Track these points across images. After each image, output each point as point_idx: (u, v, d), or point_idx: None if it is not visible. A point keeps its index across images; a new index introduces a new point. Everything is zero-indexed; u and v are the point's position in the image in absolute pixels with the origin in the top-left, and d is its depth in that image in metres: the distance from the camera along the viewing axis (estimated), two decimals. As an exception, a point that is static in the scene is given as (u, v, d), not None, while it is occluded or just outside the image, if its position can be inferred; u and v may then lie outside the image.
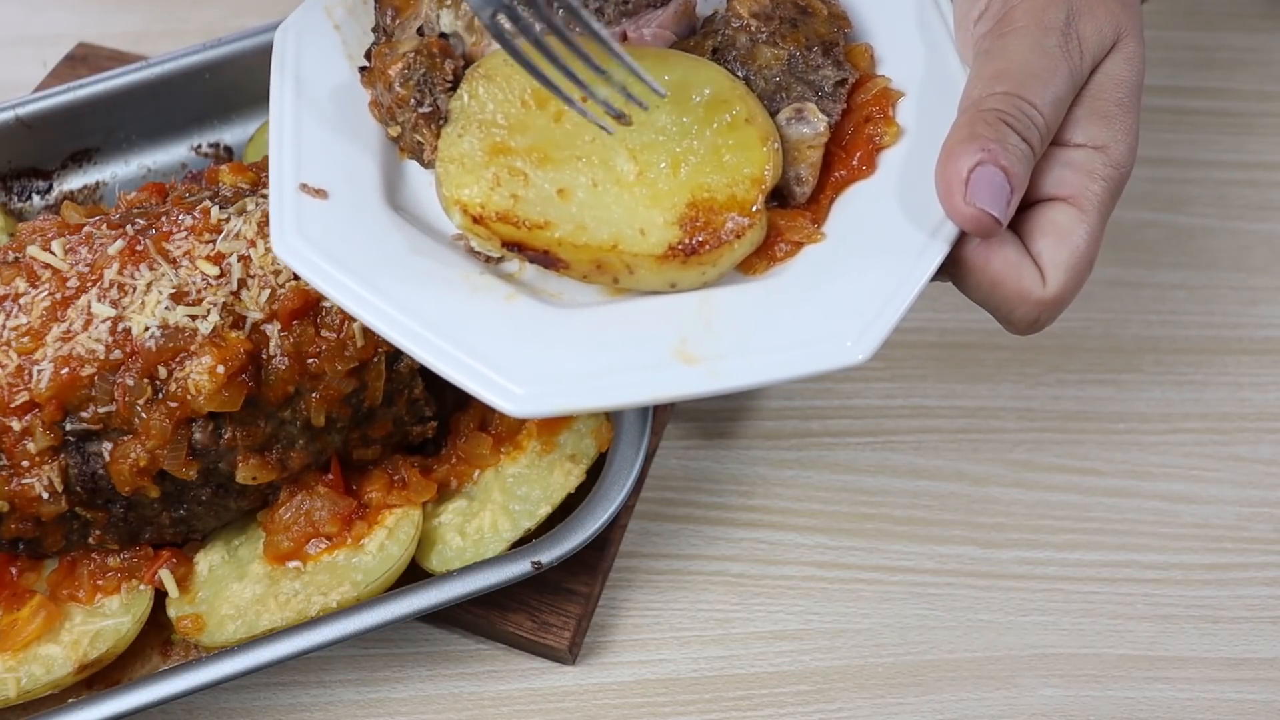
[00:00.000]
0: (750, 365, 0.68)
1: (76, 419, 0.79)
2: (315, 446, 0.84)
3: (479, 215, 0.72)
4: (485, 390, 0.68)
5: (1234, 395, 1.05)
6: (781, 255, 0.75)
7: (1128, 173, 0.72)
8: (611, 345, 0.70)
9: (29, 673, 0.81)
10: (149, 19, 1.37)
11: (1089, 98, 0.72)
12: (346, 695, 0.89)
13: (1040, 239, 0.71)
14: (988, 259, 0.70)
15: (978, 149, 0.68)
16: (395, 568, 0.84)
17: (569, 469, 0.88)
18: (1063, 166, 0.72)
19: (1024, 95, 0.69)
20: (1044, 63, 0.70)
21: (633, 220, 0.72)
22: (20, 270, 0.82)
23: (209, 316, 0.80)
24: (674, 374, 0.68)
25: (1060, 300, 0.70)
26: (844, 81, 0.79)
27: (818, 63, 0.79)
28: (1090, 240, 0.70)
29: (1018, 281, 0.70)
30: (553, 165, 0.74)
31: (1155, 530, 0.98)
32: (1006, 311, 0.72)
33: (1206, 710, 0.89)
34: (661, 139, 0.74)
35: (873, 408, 1.04)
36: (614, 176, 0.73)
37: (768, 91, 0.78)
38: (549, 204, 0.72)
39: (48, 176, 1.08)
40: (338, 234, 0.75)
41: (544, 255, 0.72)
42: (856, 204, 0.76)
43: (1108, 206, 0.72)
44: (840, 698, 0.89)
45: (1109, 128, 0.72)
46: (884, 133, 0.77)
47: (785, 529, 0.97)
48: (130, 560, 0.85)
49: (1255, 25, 1.33)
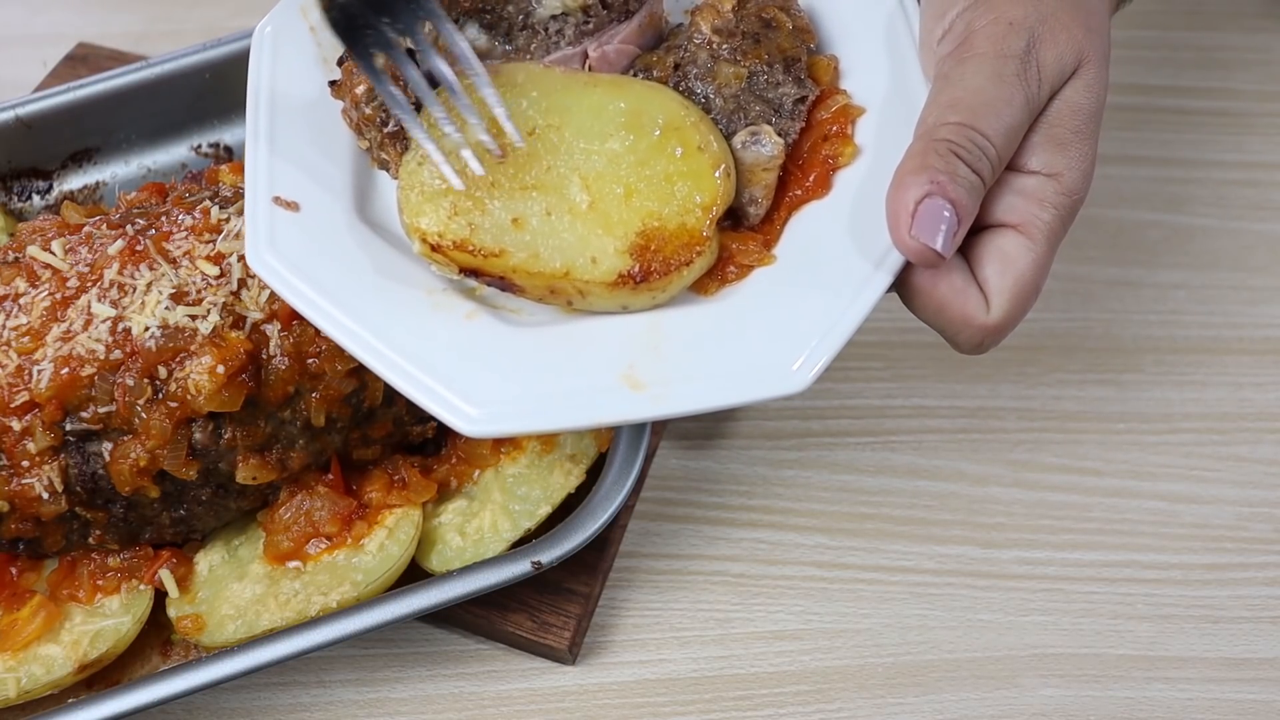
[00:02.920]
0: (693, 392, 0.71)
1: (76, 419, 0.79)
2: (315, 446, 0.84)
3: (436, 244, 0.74)
4: (442, 410, 0.71)
5: (1234, 395, 1.05)
6: (732, 277, 0.76)
7: (1080, 200, 0.73)
8: (564, 369, 0.73)
9: (29, 673, 0.81)
10: (149, 19, 1.37)
11: (1046, 124, 0.73)
12: (346, 695, 0.89)
13: (987, 266, 0.72)
14: (934, 284, 0.71)
15: (926, 181, 0.68)
16: (395, 568, 0.84)
17: (569, 469, 0.88)
18: (1014, 194, 0.72)
19: (976, 126, 0.70)
20: (1000, 92, 0.71)
21: (584, 249, 0.74)
22: (20, 270, 0.82)
23: (209, 316, 0.80)
24: (621, 399, 0.71)
25: (1003, 327, 0.72)
26: (804, 99, 0.79)
27: (778, 79, 0.79)
28: (1035, 268, 0.71)
29: (962, 307, 0.71)
30: (508, 194, 0.75)
31: (1155, 530, 0.98)
32: (952, 334, 0.73)
33: (1206, 710, 0.89)
34: (615, 167, 0.76)
35: (873, 408, 1.04)
36: (567, 205, 0.75)
37: (726, 111, 0.79)
38: (504, 232, 0.74)
39: (48, 176, 1.08)
40: (308, 249, 0.77)
41: (500, 280, 0.75)
42: (809, 226, 0.77)
43: (1057, 234, 0.72)
44: (840, 698, 0.89)
45: (1064, 155, 0.72)
46: (840, 153, 0.78)
47: (785, 529, 0.97)
48: (130, 560, 0.85)
49: (1255, 25, 1.33)
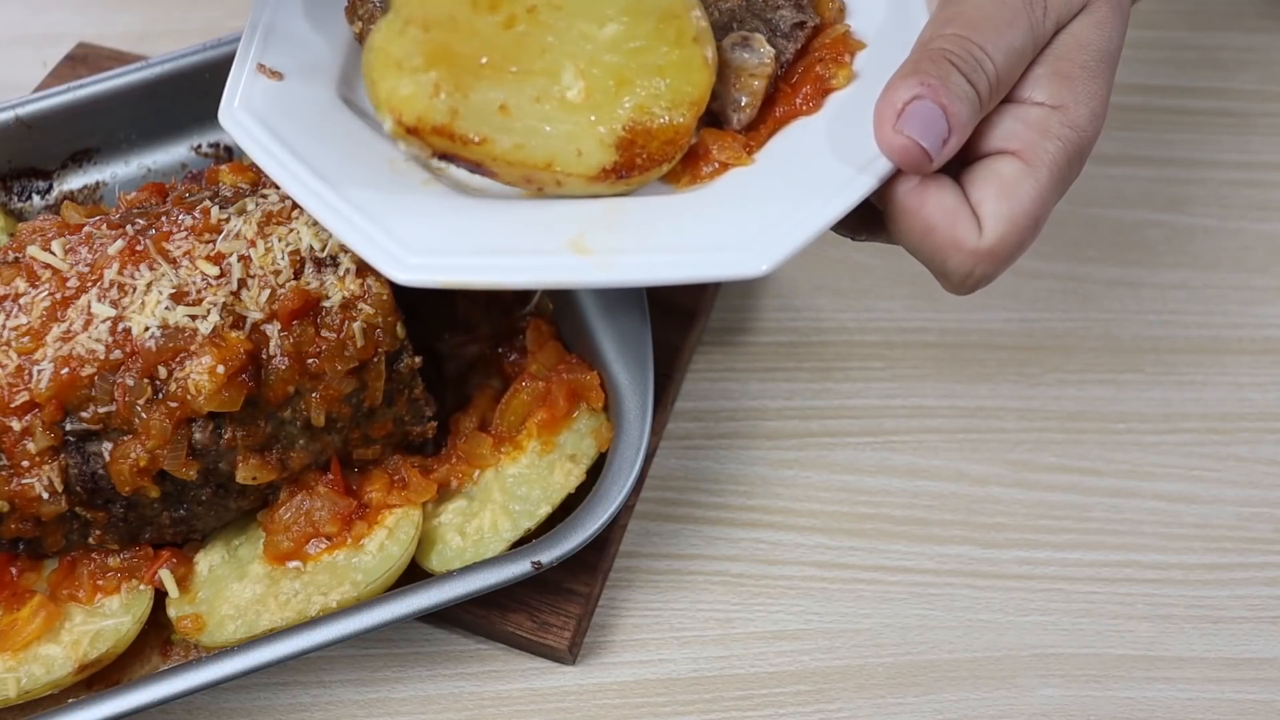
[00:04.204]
0: (643, 262, 0.67)
1: (76, 419, 0.79)
2: (315, 446, 0.84)
3: (413, 126, 0.70)
4: (378, 256, 0.69)
5: (1234, 395, 1.05)
6: (707, 174, 0.74)
7: (1089, 138, 0.69)
8: (510, 230, 0.70)
9: (29, 673, 0.81)
10: (149, 19, 1.37)
11: (1051, 57, 0.70)
12: (346, 695, 0.89)
13: (982, 188, 0.68)
14: (922, 202, 0.67)
15: (917, 83, 0.66)
16: (395, 568, 0.84)
17: (569, 469, 0.88)
18: (1015, 121, 0.69)
19: (974, 39, 0.67)
20: (1002, 13, 0.68)
21: (571, 141, 0.71)
22: (20, 270, 0.82)
23: (209, 316, 0.80)
24: (564, 261, 0.68)
25: (996, 253, 0.67)
26: (802, 24, 0.78)
27: (778, 3, 0.78)
28: (1036, 197, 0.67)
29: (951, 229, 0.67)
30: (497, 75, 0.71)
31: (1155, 530, 0.98)
32: (941, 261, 0.69)
33: (1206, 710, 0.89)
34: (610, 55, 0.72)
35: (873, 408, 1.04)
36: (558, 93, 0.71)
37: (721, 23, 0.78)
38: (489, 120, 0.70)
39: (48, 176, 1.08)
40: (279, 109, 0.77)
41: (475, 166, 0.71)
42: (794, 136, 0.75)
43: (1061, 168, 0.68)
44: (840, 698, 0.89)
45: (1070, 88, 0.69)
46: (835, 74, 0.76)
47: (785, 529, 0.97)
48: (130, 560, 0.85)
49: (1255, 25, 1.33)
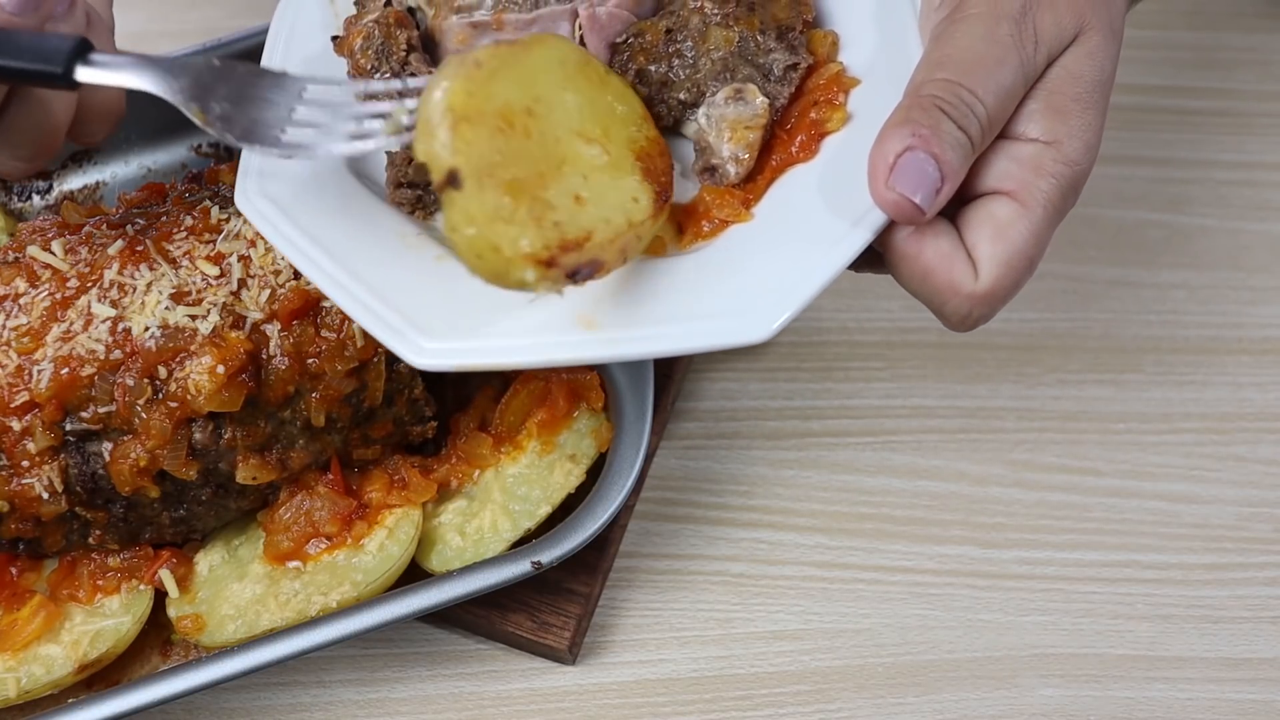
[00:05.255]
0: (649, 335, 0.68)
1: (76, 419, 0.79)
2: (315, 446, 0.84)
3: (549, 258, 0.67)
4: (396, 342, 0.71)
5: (1234, 395, 1.05)
6: (707, 232, 0.74)
7: (1083, 171, 0.69)
8: (523, 308, 0.71)
9: (29, 673, 0.81)
10: (149, 19, 1.37)
11: (1044, 91, 0.69)
12: (346, 695, 0.89)
13: (977, 231, 0.68)
14: (920, 249, 0.67)
15: (908, 134, 0.65)
16: (395, 568, 0.84)
17: (569, 469, 0.88)
18: (1009, 160, 0.69)
19: (965, 83, 0.67)
20: (992, 51, 0.68)
21: (625, 194, 0.71)
22: (20, 270, 0.82)
23: (209, 316, 0.80)
24: (572, 338, 0.69)
25: (992, 296, 0.68)
26: (795, 66, 0.77)
27: (770, 46, 0.78)
28: (1030, 237, 0.67)
29: (948, 274, 0.67)
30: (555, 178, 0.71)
31: (1155, 530, 0.98)
32: (939, 304, 0.69)
33: (1206, 710, 0.89)
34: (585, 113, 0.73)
35: (873, 408, 1.04)
36: (588, 163, 0.72)
37: (713, 72, 0.77)
38: (576, 216, 0.69)
39: (48, 176, 1.07)
40: (292, 191, 0.79)
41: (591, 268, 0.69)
42: (791, 187, 0.75)
43: (1056, 205, 0.68)
44: (840, 698, 0.89)
45: (1064, 123, 0.69)
46: (829, 117, 0.75)
47: (785, 529, 0.97)
48: (130, 560, 0.85)
49: (1255, 25, 1.33)
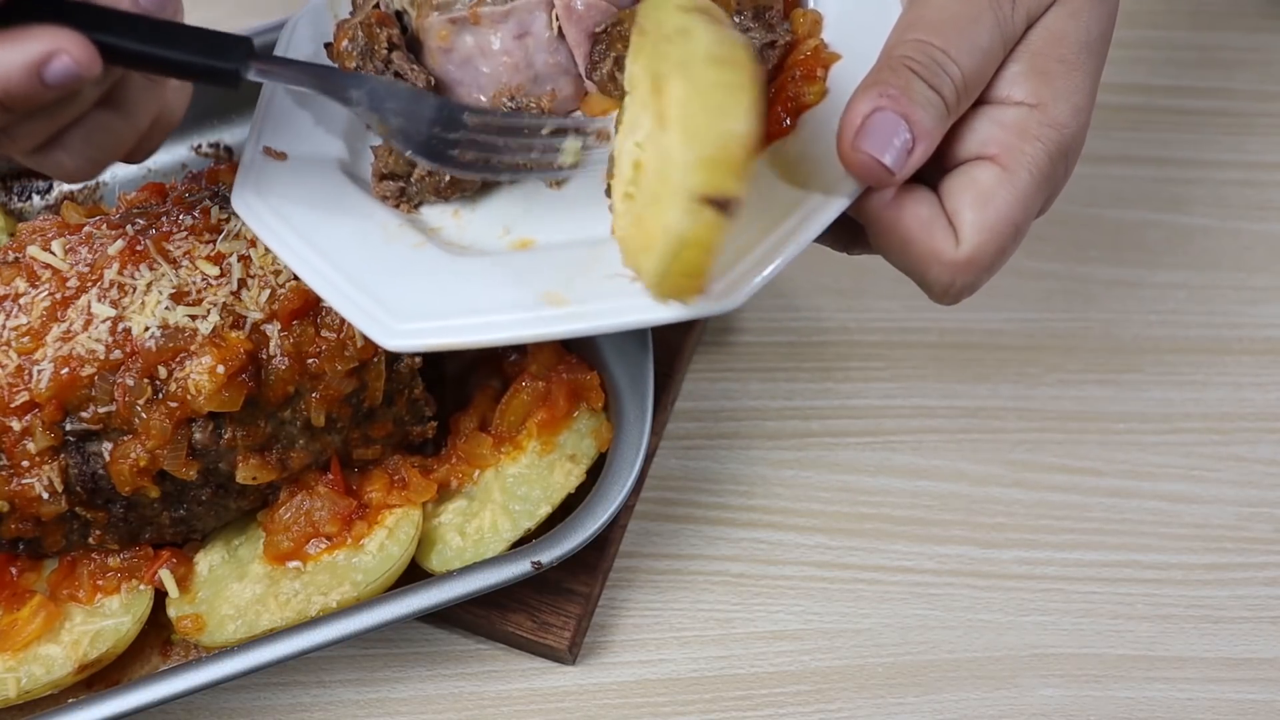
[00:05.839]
0: (612, 308, 0.69)
1: (76, 419, 0.79)
2: (315, 446, 0.84)
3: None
4: (365, 321, 0.72)
5: (1234, 395, 1.05)
6: None
7: (1072, 135, 0.67)
8: (494, 289, 0.73)
9: (29, 673, 0.81)
10: (149, 19, 1.37)
11: (1026, 53, 0.67)
12: (346, 695, 0.89)
13: (958, 197, 0.66)
14: (898, 215, 0.66)
15: (877, 94, 0.63)
16: (395, 568, 0.84)
17: (569, 469, 0.88)
18: (992, 124, 0.67)
19: (935, 42, 0.65)
20: (965, 10, 0.65)
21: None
22: (20, 270, 0.82)
23: (209, 316, 0.80)
24: (537, 315, 0.70)
25: (975, 263, 0.65)
26: (773, 44, 0.77)
27: (747, 26, 0.77)
28: (1015, 202, 0.65)
29: (929, 240, 0.65)
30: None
31: (1155, 530, 0.98)
32: (921, 273, 0.67)
33: (1206, 710, 0.89)
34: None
35: (873, 408, 1.04)
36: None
37: None
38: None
39: (48, 176, 1.07)
40: (284, 190, 0.81)
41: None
42: (769, 161, 0.74)
43: (1044, 169, 0.66)
44: (840, 698, 0.89)
45: (1048, 84, 0.66)
46: (807, 91, 0.74)
47: (785, 529, 0.97)
48: (130, 560, 0.85)
49: (1255, 25, 1.33)
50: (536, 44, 0.81)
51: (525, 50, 0.81)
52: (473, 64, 0.82)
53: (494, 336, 0.72)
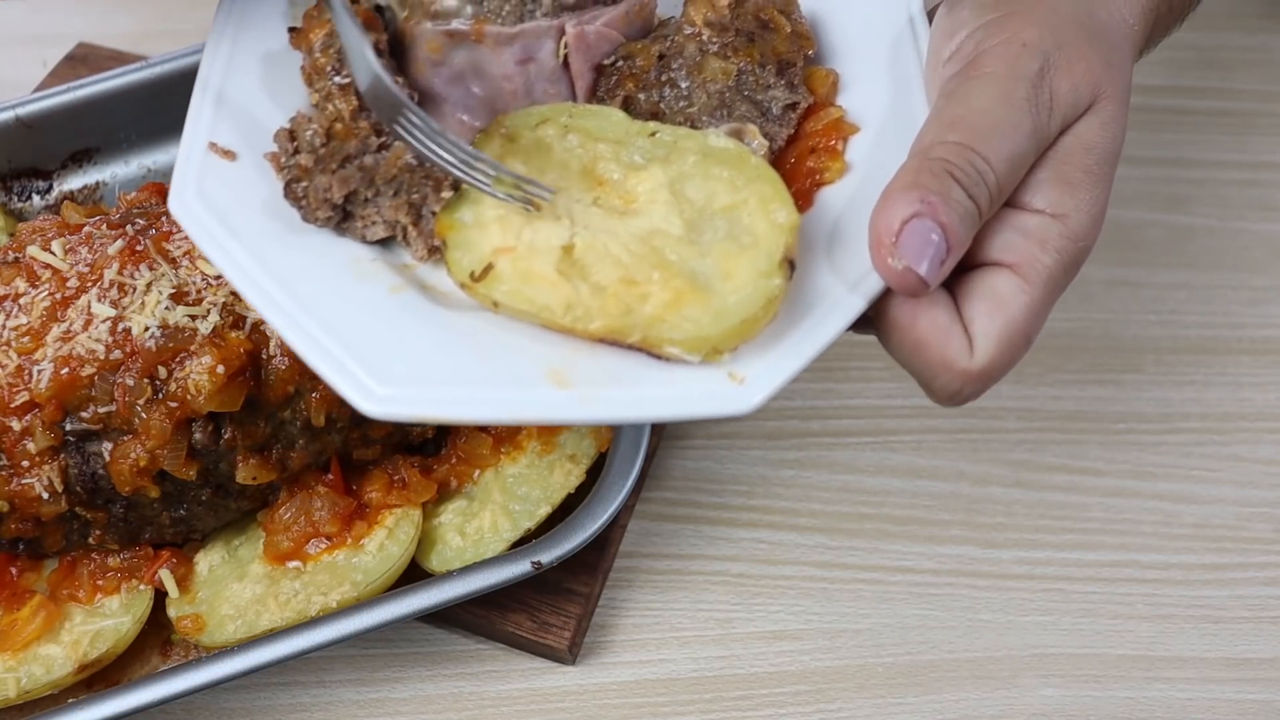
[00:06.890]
0: (624, 398, 0.63)
1: (76, 419, 0.79)
2: (315, 446, 0.84)
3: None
4: (344, 384, 0.64)
5: (1234, 395, 1.05)
6: None
7: (1085, 248, 0.66)
8: (488, 356, 0.66)
9: (29, 673, 0.81)
10: (149, 19, 1.37)
11: (1055, 160, 0.67)
12: (346, 695, 0.89)
13: (974, 305, 0.65)
14: (914, 319, 0.64)
15: (916, 199, 0.62)
16: (395, 568, 0.84)
17: (569, 469, 0.88)
18: (1014, 231, 0.66)
19: (977, 148, 0.64)
20: (1007, 115, 0.65)
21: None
22: (20, 270, 0.82)
23: (209, 316, 0.80)
24: (541, 396, 0.64)
25: (986, 374, 0.64)
26: (794, 105, 0.74)
27: (769, 82, 0.74)
28: (1029, 314, 0.64)
29: (942, 349, 0.64)
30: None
31: (1155, 530, 0.98)
32: (928, 378, 0.66)
33: (1206, 710, 0.89)
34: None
35: (873, 408, 1.04)
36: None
37: (709, 107, 0.74)
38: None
39: (48, 176, 1.08)
40: (236, 198, 0.72)
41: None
42: None
43: (1057, 281, 0.65)
44: (840, 698, 0.89)
45: (1072, 195, 0.66)
46: (827, 167, 0.72)
47: (785, 529, 0.97)
48: (130, 560, 0.85)
49: (1255, 25, 1.33)
50: (539, 71, 0.76)
51: (527, 77, 0.76)
52: (464, 82, 0.76)
53: (490, 415, 0.64)
